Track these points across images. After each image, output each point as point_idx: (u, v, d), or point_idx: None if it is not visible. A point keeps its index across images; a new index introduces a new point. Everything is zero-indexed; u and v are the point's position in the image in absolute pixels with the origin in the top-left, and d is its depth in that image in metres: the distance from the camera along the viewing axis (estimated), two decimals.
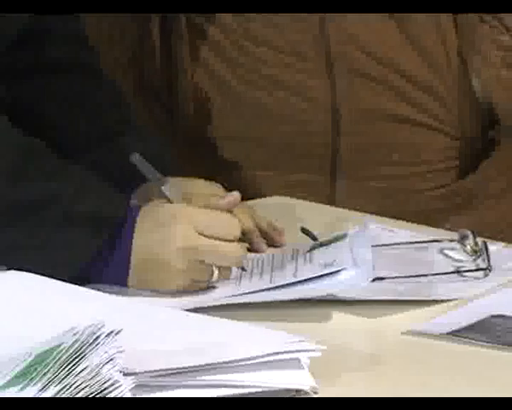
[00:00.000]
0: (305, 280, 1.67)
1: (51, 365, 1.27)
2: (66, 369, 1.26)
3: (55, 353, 1.28)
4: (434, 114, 2.22)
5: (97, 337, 1.27)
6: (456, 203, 2.24)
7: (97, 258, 1.71)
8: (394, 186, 2.22)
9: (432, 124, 2.22)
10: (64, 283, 1.59)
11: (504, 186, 2.30)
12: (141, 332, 1.41)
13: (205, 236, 1.71)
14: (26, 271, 1.61)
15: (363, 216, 1.97)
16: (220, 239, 1.73)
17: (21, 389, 1.24)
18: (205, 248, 1.72)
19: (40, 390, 1.23)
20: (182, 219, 1.75)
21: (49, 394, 1.23)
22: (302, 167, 2.28)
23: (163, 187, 1.83)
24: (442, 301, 1.65)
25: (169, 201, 1.80)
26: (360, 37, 2.23)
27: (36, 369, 1.27)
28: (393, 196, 2.21)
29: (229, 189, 1.92)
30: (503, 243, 1.88)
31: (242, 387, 1.33)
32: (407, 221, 2.00)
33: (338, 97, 2.25)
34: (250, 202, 1.99)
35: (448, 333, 1.53)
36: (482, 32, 2.28)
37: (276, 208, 2.05)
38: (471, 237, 1.78)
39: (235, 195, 1.86)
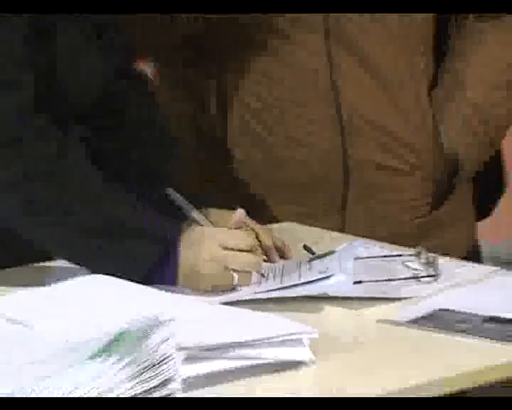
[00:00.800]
0: (306, 282, 1.72)
1: (124, 343, 1.32)
2: (135, 346, 1.32)
3: (126, 335, 1.33)
4: (412, 163, 2.21)
5: (157, 324, 1.32)
6: (428, 229, 2.24)
7: (156, 266, 1.75)
8: (384, 217, 2.21)
9: (410, 171, 2.22)
10: (133, 283, 1.68)
11: (462, 217, 2.31)
12: (188, 319, 1.47)
13: (226, 249, 1.75)
14: (107, 275, 1.71)
15: (353, 238, 2.02)
16: (237, 250, 1.77)
17: (104, 360, 1.29)
18: (226, 258, 1.76)
19: (117, 360, 1.28)
20: (208, 238, 1.80)
21: (123, 363, 1.29)
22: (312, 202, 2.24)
23: (194, 214, 1.87)
24: (404, 298, 1.70)
25: (199, 224, 1.85)
26: (360, 105, 2.18)
27: (114, 346, 1.32)
28: (383, 223, 2.20)
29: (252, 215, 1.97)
30: (449, 258, 1.92)
31: (261, 359, 1.40)
32: (391, 243, 2.02)
33: (345, 151, 2.20)
34: (269, 226, 2.04)
35: (408, 321, 1.59)
36: (451, 108, 2.23)
37: (287, 231, 2.07)
38: (424, 252, 1.82)
39: (239, 212, 1.92)
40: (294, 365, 1.43)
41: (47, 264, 1.86)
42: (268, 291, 1.70)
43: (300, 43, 2.12)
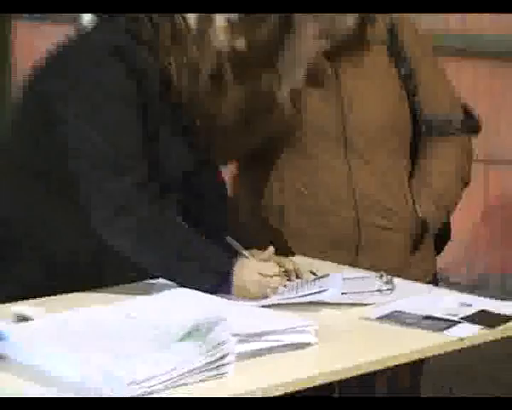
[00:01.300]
0: (311, 294, 1.95)
1: (199, 332, 1.57)
2: (206, 334, 1.55)
3: (200, 326, 1.58)
4: (399, 226, 2.32)
5: (217, 320, 1.57)
6: (408, 264, 2.33)
7: (219, 284, 1.95)
8: (381, 257, 2.30)
9: (398, 230, 2.33)
10: (205, 294, 1.90)
11: (429, 257, 2.41)
12: (237, 316, 1.71)
13: (261, 275, 1.96)
14: (190, 289, 1.91)
15: (342, 266, 2.19)
16: (268, 275, 1.97)
17: (188, 342, 1.55)
18: (261, 280, 1.96)
19: (196, 342, 1.54)
20: (250, 267, 1.99)
21: (199, 343, 1.52)
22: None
23: (242, 251, 2.08)
24: (373, 303, 1.96)
25: (246, 258, 2.05)
26: (366, 191, 2.29)
27: (193, 333, 1.57)
28: (381, 262, 2.25)
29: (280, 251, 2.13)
30: (401, 279, 2.09)
31: (281, 341, 1.66)
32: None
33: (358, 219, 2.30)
34: (293, 258, 2.17)
35: (377, 318, 1.86)
36: (423, 192, 2.35)
37: (302, 261, 2.19)
38: (385, 275, 2.03)
39: (270, 250, 2.08)
40: (302, 345, 1.70)
41: (153, 281, 2.03)
42: (287, 298, 1.94)
43: (325, 163, 2.26)
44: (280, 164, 2.30)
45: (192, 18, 1.94)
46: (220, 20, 1.96)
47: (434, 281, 2.36)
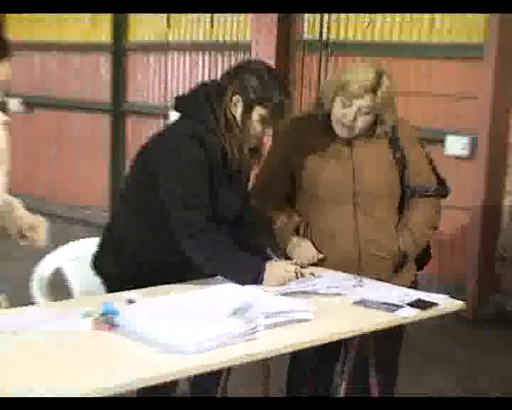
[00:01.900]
0: (310, 286, 2.06)
1: (240, 311, 1.70)
2: (243, 313, 1.67)
3: (241, 307, 1.72)
4: (386, 255, 2.35)
5: (252, 303, 1.73)
6: (393, 281, 2.31)
7: (256, 279, 2.05)
8: (376, 274, 2.31)
9: (386, 258, 2.36)
10: (244, 286, 2.02)
11: (408, 275, 2.42)
12: (264, 301, 1.83)
13: (285, 271, 2.09)
14: (236, 283, 2.01)
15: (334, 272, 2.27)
16: (286, 273, 2.09)
17: (234, 318, 1.67)
18: (285, 275, 2.08)
19: (239, 318, 1.67)
20: (275, 267, 2.11)
21: (242, 319, 1.66)
22: None
23: (274, 258, 2.21)
24: (350, 294, 2.07)
25: (275, 261, 2.17)
26: (365, 233, 2.33)
27: (237, 312, 1.71)
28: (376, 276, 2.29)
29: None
30: (368, 279, 2.21)
31: (291, 318, 1.79)
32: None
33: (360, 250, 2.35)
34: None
35: (352, 303, 2.00)
36: (406, 231, 2.38)
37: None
38: (359, 277, 2.20)
39: (288, 261, 2.17)
40: (305, 320, 1.83)
41: (211, 279, 2.12)
42: (295, 288, 2.03)
43: (338, 211, 2.33)
44: (310, 209, 2.38)
45: (238, 114, 2.09)
46: (255, 115, 2.09)
47: (415, 284, 2.41)
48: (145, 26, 6.28)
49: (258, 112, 2.09)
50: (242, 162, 2.13)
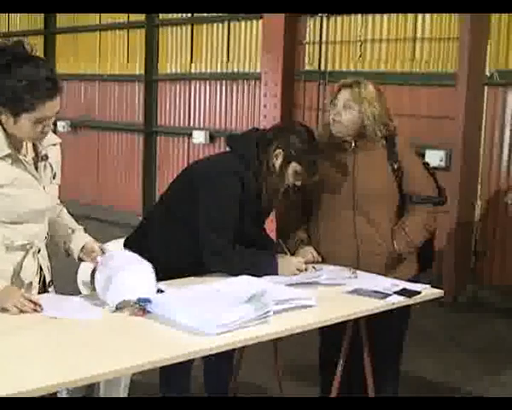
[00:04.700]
0: (313, 277, 2.05)
1: (255, 297, 1.67)
2: (259, 299, 1.63)
3: (256, 294, 1.67)
4: (380, 251, 2.25)
5: (264, 292, 1.69)
6: (393, 270, 2.24)
7: (270, 272, 2.06)
8: (377, 271, 2.22)
9: (380, 254, 2.25)
10: (259, 278, 2.00)
11: (407, 267, 2.30)
12: (275, 290, 1.80)
13: (294, 263, 2.10)
14: (253, 276, 1.97)
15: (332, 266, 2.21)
16: (297, 265, 2.09)
17: (250, 304, 1.62)
18: (296, 267, 2.08)
19: (254, 304, 1.63)
20: (286, 260, 2.11)
21: (256, 304, 1.62)
22: None
23: (286, 251, 2.18)
24: (345, 284, 2.05)
25: (286, 254, 2.17)
26: (363, 236, 2.24)
27: (252, 299, 1.66)
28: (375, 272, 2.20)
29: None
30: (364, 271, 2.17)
31: (296, 305, 1.78)
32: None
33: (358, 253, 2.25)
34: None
35: (348, 292, 2.00)
36: (400, 235, 2.26)
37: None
38: (353, 269, 2.15)
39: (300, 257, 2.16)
40: (309, 306, 1.82)
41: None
42: (301, 278, 2.03)
43: (339, 211, 2.25)
44: (318, 212, 2.32)
45: (277, 165, 2.11)
46: (291, 169, 2.11)
47: (416, 278, 2.26)
48: (172, 61, 6.45)
49: (294, 168, 2.12)
50: (272, 203, 2.17)
